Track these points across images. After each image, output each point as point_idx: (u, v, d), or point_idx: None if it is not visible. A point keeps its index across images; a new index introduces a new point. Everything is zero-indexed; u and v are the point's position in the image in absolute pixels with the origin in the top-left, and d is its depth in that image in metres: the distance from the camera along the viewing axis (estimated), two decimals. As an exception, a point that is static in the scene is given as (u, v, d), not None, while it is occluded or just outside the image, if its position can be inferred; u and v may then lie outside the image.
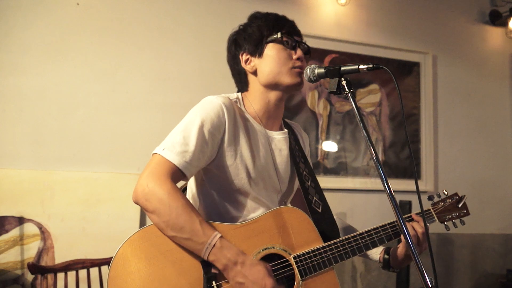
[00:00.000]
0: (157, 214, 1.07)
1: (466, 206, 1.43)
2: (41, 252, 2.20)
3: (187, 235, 1.06)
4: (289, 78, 1.26)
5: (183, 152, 1.12)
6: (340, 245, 1.22)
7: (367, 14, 3.03)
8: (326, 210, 1.33)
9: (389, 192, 0.98)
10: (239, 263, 1.06)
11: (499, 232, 3.18)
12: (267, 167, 1.27)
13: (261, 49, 1.29)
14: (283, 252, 1.17)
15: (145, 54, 2.51)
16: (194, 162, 1.13)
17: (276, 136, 1.33)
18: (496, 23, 3.34)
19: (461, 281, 3.05)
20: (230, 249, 1.07)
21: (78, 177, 2.30)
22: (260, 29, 1.31)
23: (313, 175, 1.37)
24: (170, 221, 1.06)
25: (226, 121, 1.19)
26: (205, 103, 1.20)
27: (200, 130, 1.14)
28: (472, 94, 3.27)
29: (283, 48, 1.28)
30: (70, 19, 2.40)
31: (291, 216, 1.22)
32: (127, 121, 2.44)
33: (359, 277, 2.77)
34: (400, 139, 2.99)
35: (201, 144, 1.14)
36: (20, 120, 2.27)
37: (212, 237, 1.07)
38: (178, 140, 1.13)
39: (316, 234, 1.22)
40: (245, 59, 1.32)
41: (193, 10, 2.63)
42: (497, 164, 3.28)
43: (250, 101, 1.32)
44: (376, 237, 1.26)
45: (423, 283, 0.93)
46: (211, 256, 1.06)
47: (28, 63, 2.31)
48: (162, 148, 1.13)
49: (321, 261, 1.18)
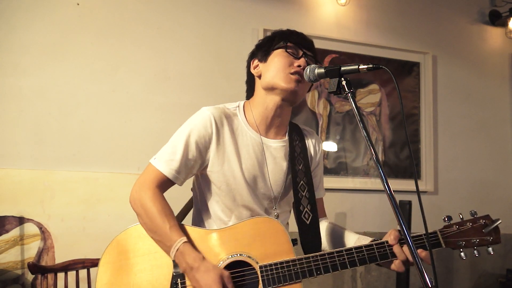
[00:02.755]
0: (140, 217, 1.23)
1: (498, 232, 1.15)
2: (41, 252, 2.20)
3: (159, 237, 1.19)
4: (285, 82, 1.29)
5: (170, 161, 1.24)
6: (313, 260, 1.19)
7: (367, 14, 3.03)
8: (314, 223, 1.34)
9: (389, 192, 0.99)
10: (194, 269, 1.14)
11: (499, 232, 3.18)
12: (257, 174, 1.32)
13: (267, 55, 1.36)
14: (250, 260, 1.20)
15: (145, 54, 2.51)
16: (181, 169, 1.25)
17: (272, 144, 1.36)
18: (496, 23, 3.34)
19: (461, 281, 3.05)
20: (189, 255, 1.15)
21: (78, 177, 2.30)
22: (272, 38, 1.38)
23: (310, 185, 1.38)
24: (147, 224, 1.21)
25: (214, 131, 1.28)
26: (196, 115, 1.31)
27: (186, 140, 1.26)
28: (472, 94, 3.27)
29: (286, 55, 1.33)
30: (70, 19, 2.40)
31: (266, 226, 1.24)
32: (127, 121, 2.44)
33: (359, 277, 2.77)
34: (400, 139, 2.99)
35: (187, 153, 1.25)
36: (20, 120, 2.27)
37: (177, 242, 1.16)
38: (167, 149, 1.27)
39: (289, 246, 1.21)
40: (255, 65, 1.40)
41: (193, 10, 2.63)
42: (497, 164, 3.28)
43: (251, 108, 1.37)
44: (357, 257, 1.19)
45: (423, 283, 0.93)
46: (176, 258, 1.17)
47: (28, 63, 2.31)
48: (154, 158, 1.27)
49: (287, 274, 1.18)
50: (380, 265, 1.23)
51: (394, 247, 1.18)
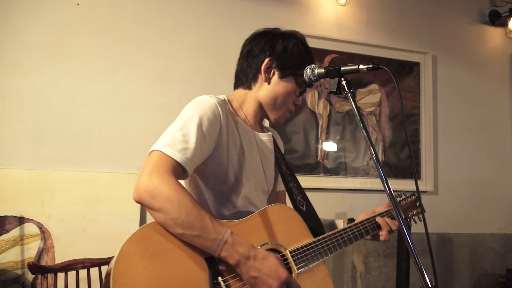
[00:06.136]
0: (164, 212, 1.03)
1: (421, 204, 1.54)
2: (41, 252, 2.20)
3: (197, 232, 1.03)
4: (278, 116, 1.37)
5: (184, 149, 1.10)
6: (329, 239, 1.30)
7: (367, 14, 3.03)
8: (310, 208, 1.39)
9: (389, 192, 0.99)
10: (251, 257, 1.06)
11: (498, 232, 3.18)
12: (256, 167, 1.31)
13: (287, 76, 1.33)
14: (279, 247, 1.22)
15: (145, 54, 2.51)
16: (195, 159, 1.13)
17: (263, 138, 1.37)
18: (495, 23, 3.34)
19: (461, 281, 3.05)
20: (241, 244, 1.07)
21: (78, 177, 2.30)
22: (298, 60, 1.33)
23: (293, 176, 1.43)
24: (179, 219, 1.03)
25: (221, 120, 1.20)
26: (200, 102, 1.21)
27: (199, 128, 1.14)
28: (472, 94, 3.27)
29: (297, 89, 1.35)
30: (70, 19, 2.40)
31: (282, 214, 1.27)
32: (127, 121, 2.44)
33: (359, 277, 2.77)
34: (400, 139, 2.99)
35: (200, 141, 1.13)
36: (20, 120, 2.27)
37: (223, 233, 1.05)
38: (178, 137, 1.11)
39: (306, 230, 1.29)
40: (268, 66, 1.33)
41: (193, 10, 2.63)
42: (497, 164, 3.28)
43: (240, 103, 1.35)
44: (363, 229, 1.39)
45: (423, 283, 0.93)
46: (223, 252, 1.05)
47: (28, 63, 2.31)
48: (163, 145, 1.10)
49: (314, 255, 1.25)
50: (375, 237, 1.44)
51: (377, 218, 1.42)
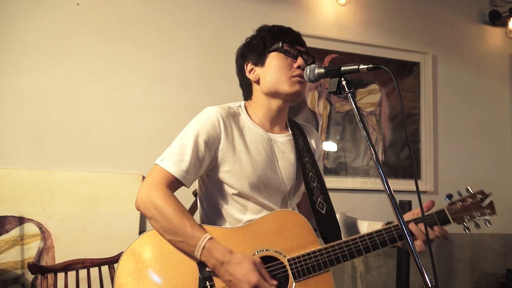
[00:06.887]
0: (155, 220, 1.16)
1: (492, 205, 1.35)
2: (41, 252, 2.20)
3: (180, 238, 1.14)
4: (288, 86, 1.30)
5: (179, 162, 1.20)
6: (338, 248, 1.22)
7: (367, 14, 3.03)
8: (329, 211, 1.34)
9: (389, 192, 0.98)
10: (225, 263, 1.12)
11: (498, 232, 3.18)
12: (269, 170, 1.30)
13: (263, 59, 1.34)
14: (277, 254, 1.20)
15: (145, 54, 2.51)
16: (190, 170, 1.21)
17: (279, 139, 1.37)
18: (495, 23, 3.34)
19: (461, 281, 3.05)
20: (217, 250, 1.13)
21: (78, 177, 2.30)
22: (264, 39, 1.35)
23: (319, 176, 1.40)
24: (165, 226, 1.15)
25: (222, 131, 1.26)
26: (201, 114, 1.28)
27: (195, 140, 1.22)
28: (472, 94, 3.27)
29: (284, 57, 1.32)
30: (70, 19, 2.40)
31: (288, 219, 1.24)
32: (127, 121, 2.44)
33: (359, 277, 2.77)
34: (400, 139, 2.99)
35: (196, 153, 1.21)
36: (20, 120, 2.27)
37: (202, 239, 1.13)
38: (175, 150, 1.22)
39: (313, 237, 1.24)
40: (250, 69, 1.38)
41: (193, 10, 2.63)
42: (497, 164, 3.28)
43: (253, 109, 1.37)
44: (378, 240, 1.23)
45: (423, 283, 0.93)
46: (202, 257, 1.13)
47: (28, 63, 2.31)
48: (161, 159, 1.22)
49: (316, 264, 1.19)
50: (401, 246, 1.27)
51: (411, 225, 1.24)
